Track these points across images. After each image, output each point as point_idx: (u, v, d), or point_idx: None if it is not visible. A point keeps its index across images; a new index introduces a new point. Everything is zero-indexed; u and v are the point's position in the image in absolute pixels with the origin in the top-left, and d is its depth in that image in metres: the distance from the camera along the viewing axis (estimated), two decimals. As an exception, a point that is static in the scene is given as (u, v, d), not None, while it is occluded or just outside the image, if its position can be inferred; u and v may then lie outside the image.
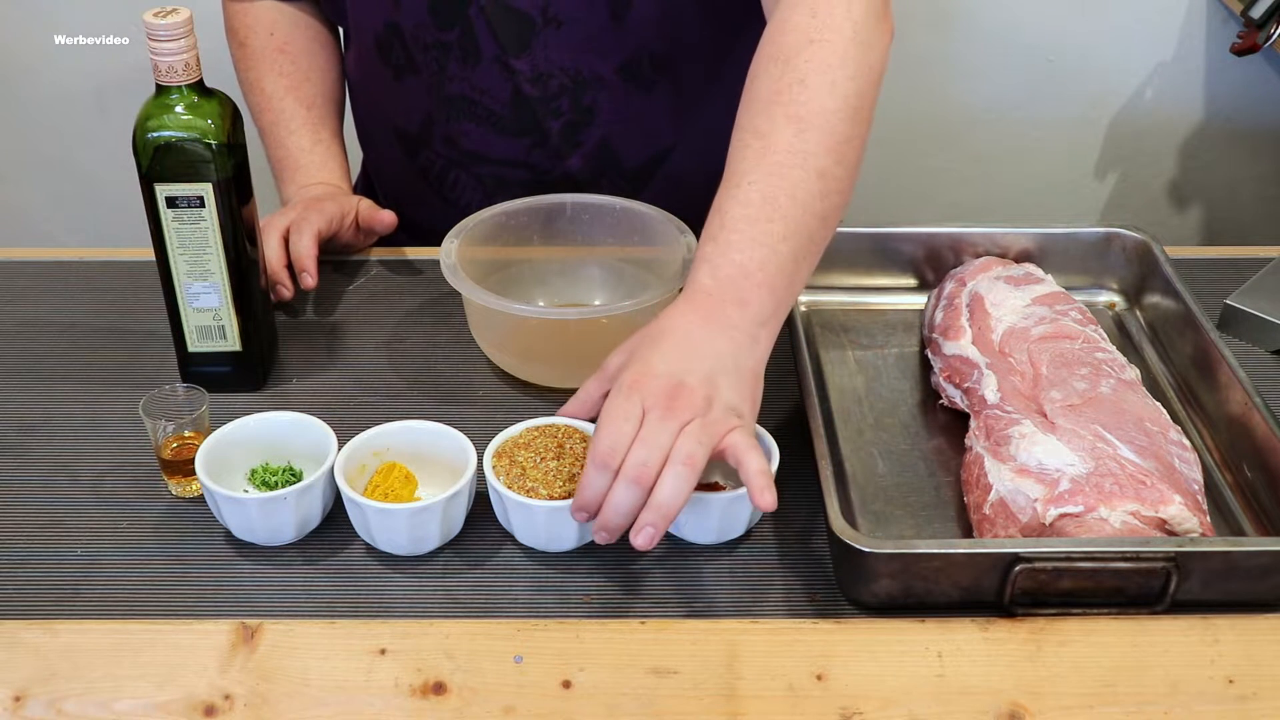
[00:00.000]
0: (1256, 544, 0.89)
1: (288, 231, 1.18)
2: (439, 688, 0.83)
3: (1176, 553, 0.84)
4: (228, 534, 0.94)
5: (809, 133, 0.92)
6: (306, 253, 1.16)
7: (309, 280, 1.16)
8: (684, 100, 1.27)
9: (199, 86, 0.98)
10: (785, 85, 0.94)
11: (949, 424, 1.05)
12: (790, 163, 0.91)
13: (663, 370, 0.85)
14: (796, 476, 0.98)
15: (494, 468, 0.92)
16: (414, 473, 0.96)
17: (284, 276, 1.17)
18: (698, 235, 1.13)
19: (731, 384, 0.87)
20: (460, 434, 0.95)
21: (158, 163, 0.98)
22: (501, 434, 0.94)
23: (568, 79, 1.22)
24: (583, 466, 0.91)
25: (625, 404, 0.84)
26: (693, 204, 1.27)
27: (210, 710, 0.81)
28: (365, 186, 1.44)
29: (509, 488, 0.90)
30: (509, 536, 0.94)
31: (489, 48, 1.21)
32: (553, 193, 1.20)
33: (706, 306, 0.89)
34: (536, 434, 0.94)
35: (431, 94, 1.26)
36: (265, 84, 1.32)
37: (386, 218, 1.24)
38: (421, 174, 1.33)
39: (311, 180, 1.29)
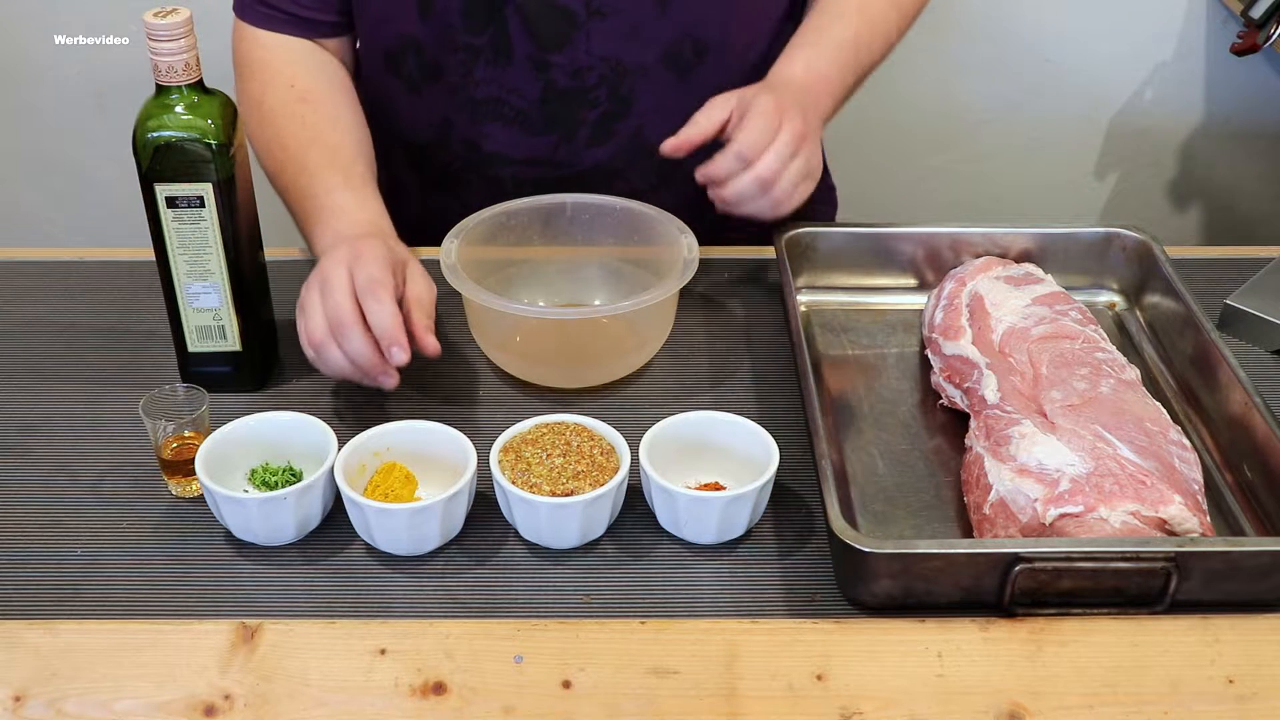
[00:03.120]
0: (1256, 544, 0.89)
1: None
2: (439, 688, 0.83)
3: (1176, 553, 0.84)
4: (228, 534, 0.94)
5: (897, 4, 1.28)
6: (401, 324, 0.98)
7: (402, 356, 0.97)
8: (717, 91, 1.27)
9: (199, 86, 0.98)
10: None
11: (949, 424, 1.05)
12: (879, 20, 1.26)
13: (791, 102, 1.12)
14: (796, 476, 0.98)
15: (499, 462, 0.93)
16: (414, 473, 0.96)
17: (403, 338, 0.98)
18: (702, 236, 1.14)
19: (815, 137, 1.15)
20: (460, 434, 0.95)
21: (158, 163, 0.98)
22: (510, 429, 0.95)
23: (608, 69, 1.23)
24: (589, 464, 0.92)
25: (766, 119, 1.10)
26: (706, 200, 1.28)
27: (210, 710, 0.81)
28: None
29: (513, 483, 0.91)
30: (510, 536, 0.94)
31: (522, 46, 1.21)
32: (574, 188, 1.20)
33: (805, 81, 1.19)
34: (545, 430, 0.95)
35: (453, 99, 1.26)
36: (286, 139, 1.17)
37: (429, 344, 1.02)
38: (434, 182, 1.32)
39: (348, 222, 1.10)
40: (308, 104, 1.19)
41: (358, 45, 1.31)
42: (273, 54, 1.23)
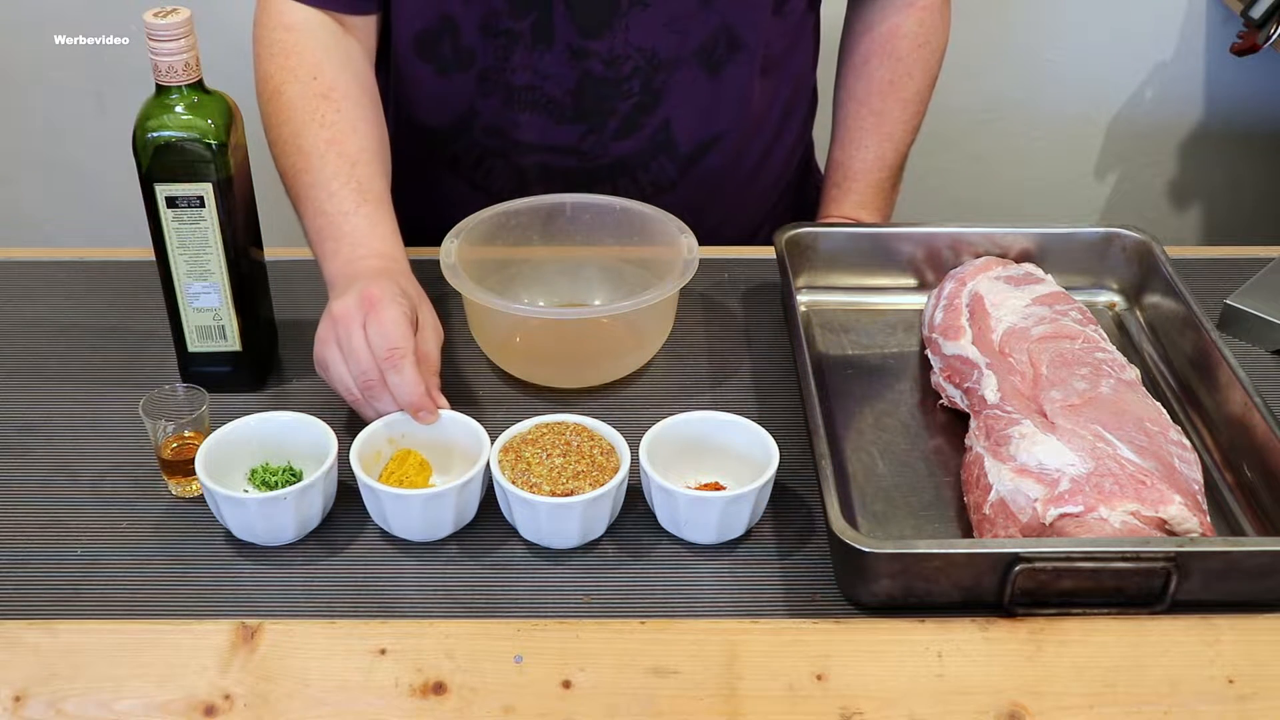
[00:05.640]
0: (1256, 544, 0.89)
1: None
2: (439, 688, 0.83)
3: (1176, 553, 0.84)
4: (228, 534, 0.94)
5: (911, 106, 1.38)
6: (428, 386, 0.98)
7: (429, 419, 0.97)
8: (742, 87, 1.28)
9: (199, 86, 0.98)
10: (898, 76, 1.36)
11: (949, 424, 1.05)
12: (898, 131, 1.38)
13: None
14: (796, 476, 0.98)
15: (499, 462, 0.93)
16: (429, 460, 0.96)
17: (428, 403, 0.97)
18: (720, 234, 1.15)
19: None
20: (474, 421, 0.95)
21: (158, 163, 0.98)
22: (510, 429, 0.96)
23: (643, 60, 1.23)
24: (589, 464, 0.92)
25: None
26: (721, 193, 1.28)
27: (210, 710, 0.81)
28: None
29: (513, 483, 0.91)
30: (510, 536, 0.94)
31: (563, 33, 1.21)
32: (597, 180, 1.20)
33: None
34: (545, 430, 0.96)
35: (482, 86, 1.25)
36: (304, 139, 1.12)
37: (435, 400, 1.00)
38: (449, 165, 1.32)
39: (360, 253, 1.07)
40: (330, 101, 1.13)
41: (390, 26, 1.25)
42: (297, 37, 1.16)
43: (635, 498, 0.96)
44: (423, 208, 1.33)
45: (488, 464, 0.93)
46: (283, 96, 1.14)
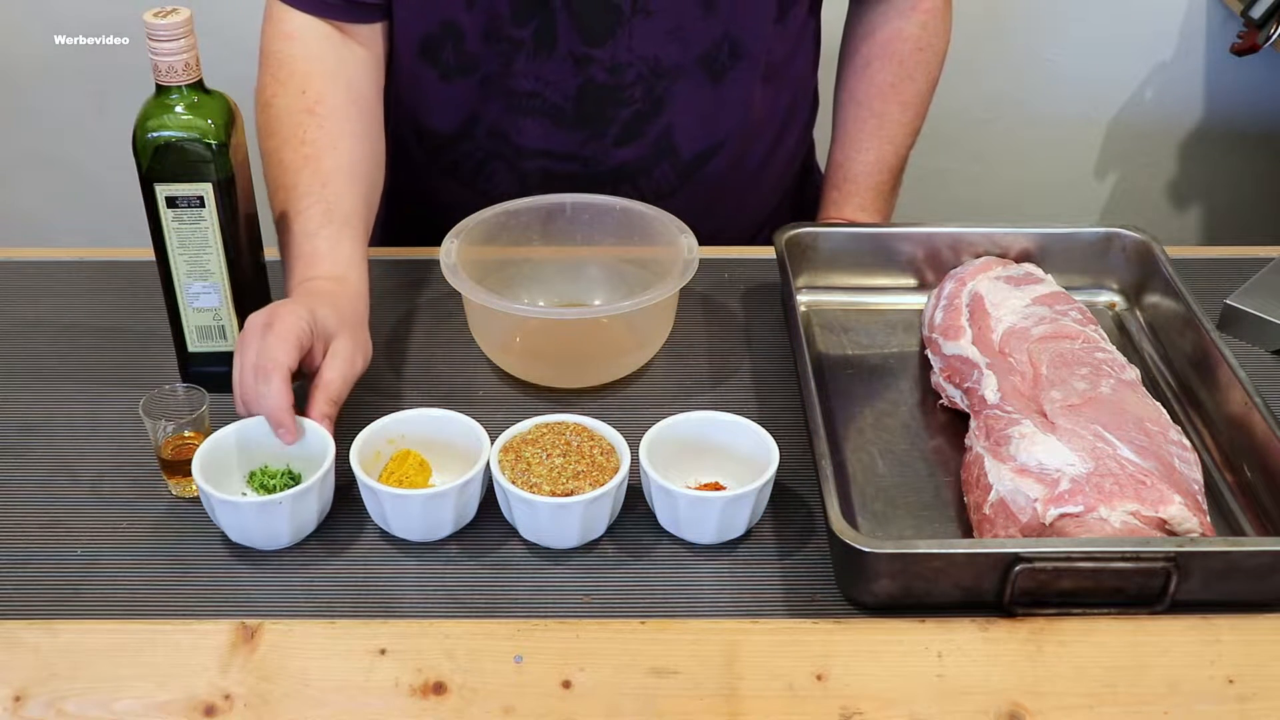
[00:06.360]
0: (1256, 544, 0.89)
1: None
2: (439, 688, 0.83)
3: (1176, 553, 0.84)
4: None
5: (911, 109, 1.38)
6: (278, 405, 0.94)
7: (287, 438, 0.95)
8: (744, 95, 1.28)
9: (199, 86, 0.98)
10: (899, 79, 1.36)
11: (949, 424, 1.05)
12: (898, 134, 1.38)
13: None
14: (796, 476, 0.98)
15: (500, 462, 0.93)
16: (428, 460, 0.97)
17: (288, 421, 0.95)
18: (720, 237, 1.14)
19: None
20: (474, 421, 0.95)
21: (158, 163, 0.98)
22: (510, 429, 0.96)
23: (645, 68, 1.23)
24: (589, 464, 0.92)
25: None
26: (722, 198, 1.28)
27: (210, 710, 0.81)
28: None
29: (513, 483, 0.91)
30: (510, 536, 0.94)
31: (566, 40, 1.21)
32: (598, 184, 1.20)
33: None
34: (545, 430, 0.96)
35: (485, 91, 1.25)
36: (284, 153, 1.12)
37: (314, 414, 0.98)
38: (450, 170, 1.32)
39: (311, 274, 1.07)
40: (314, 116, 1.13)
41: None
42: (294, 48, 1.16)
43: (635, 498, 0.96)
44: (424, 209, 1.33)
45: (488, 464, 0.93)
46: (271, 109, 1.15)
